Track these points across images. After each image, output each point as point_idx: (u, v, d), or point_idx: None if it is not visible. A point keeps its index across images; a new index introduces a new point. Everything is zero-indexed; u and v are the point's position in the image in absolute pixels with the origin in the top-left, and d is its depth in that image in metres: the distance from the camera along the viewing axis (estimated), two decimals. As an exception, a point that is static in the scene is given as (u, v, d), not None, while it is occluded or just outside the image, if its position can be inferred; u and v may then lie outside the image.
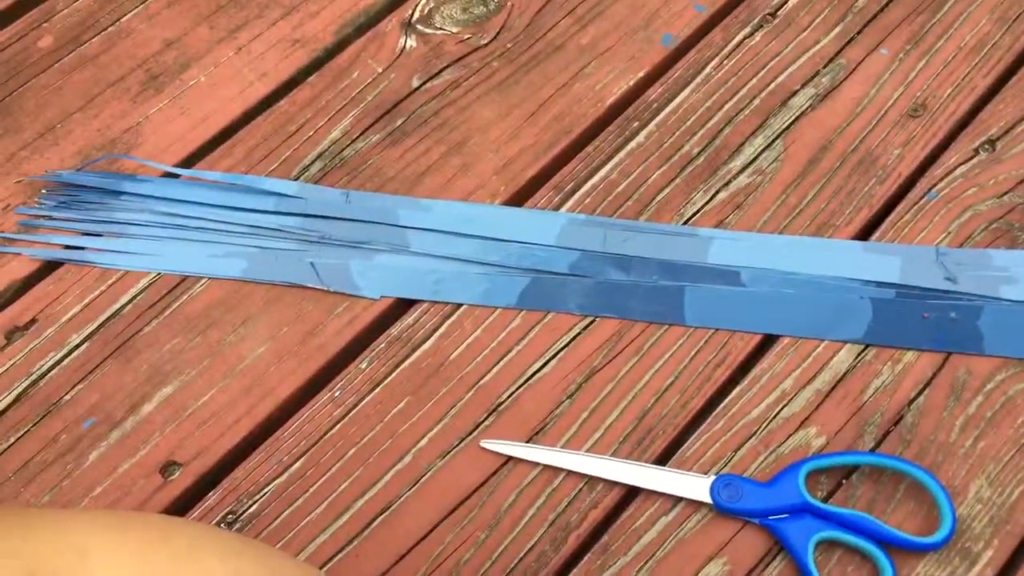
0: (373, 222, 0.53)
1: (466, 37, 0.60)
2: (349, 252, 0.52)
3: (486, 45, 0.60)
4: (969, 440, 0.49)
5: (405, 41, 0.60)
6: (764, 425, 0.49)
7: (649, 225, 0.54)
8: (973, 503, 0.47)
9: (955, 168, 0.56)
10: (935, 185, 0.56)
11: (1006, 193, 0.55)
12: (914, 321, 0.51)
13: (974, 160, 0.56)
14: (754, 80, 0.59)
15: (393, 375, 0.50)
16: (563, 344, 0.51)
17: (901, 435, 0.49)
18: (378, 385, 0.50)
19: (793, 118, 0.58)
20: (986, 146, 0.57)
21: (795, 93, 0.59)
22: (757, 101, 0.58)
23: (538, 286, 0.52)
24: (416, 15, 0.61)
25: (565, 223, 0.54)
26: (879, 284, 0.52)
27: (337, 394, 0.49)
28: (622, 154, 0.57)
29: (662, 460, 0.48)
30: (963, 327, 0.51)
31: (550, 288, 0.52)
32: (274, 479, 0.47)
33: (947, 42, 0.60)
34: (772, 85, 0.59)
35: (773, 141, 0.57)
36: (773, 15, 0.61)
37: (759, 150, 0.57)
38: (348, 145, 0.56)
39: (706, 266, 0.52)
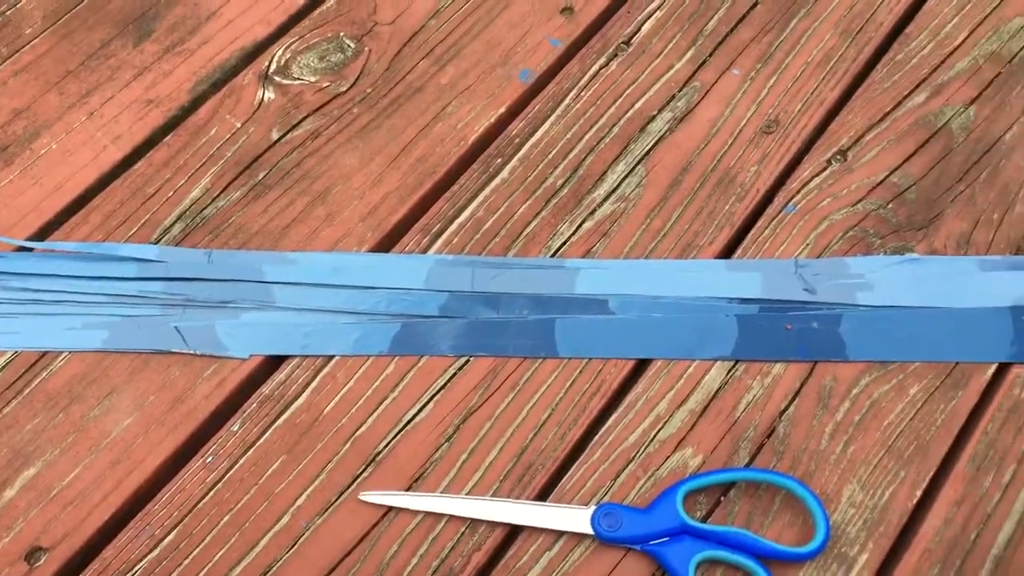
0: (237, 280, 0.52)
1: (325, 85, 0.60)
2: (214, 313, 0.51)
3: (345, 92, 0.59)
4: (839, 446, 0.49)
5: (263, 94, 0.59)
6: (641, 450, 0.49)
7: (516, 260, 0.54)
8: (847, 508, 0.48)
9: (810, 180, 0.57)
10: (792, 198, 0.57)
11: (859, 201, 0.57)
12: (778, 334, 0.52)
13: (827, 171, 0.58)
14: (613, 108, 0.60)
15: (266, 435, 0.49)
16: (438, 387, 0.50)
17: (774, 447, 0.49)
18: (251, 447, 0.48)
19: (653, 143, 0.59)
20: (838, 157, 0.58)
21: (653, 118, 0.59)
22: (617, 129, 0.59)
23: (409, 331, 0.51)
24: (273, 67, 0.60)
25: (433, 265, 0.53)
26: (743, 300, 0.53)
27: (209, 460, 0.48)
28: (487, 191, 0.56)
29: (543, 495, 0.48)
30: (825, 335, 0.52)
31: (422, 332, 0.51)
32: (146, 555, 0.46)
33: (795, 58, 0.62)
34: (630, 112, 0.60)
35: (635, 167, 0.58)
36: (627, 43, 0.62)
37: (621, 177, 0.57)
38: (209, 203, 0.55)
39: (575, 297, 0.52)
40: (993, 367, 0.52)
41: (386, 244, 0.55)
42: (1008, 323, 0.52)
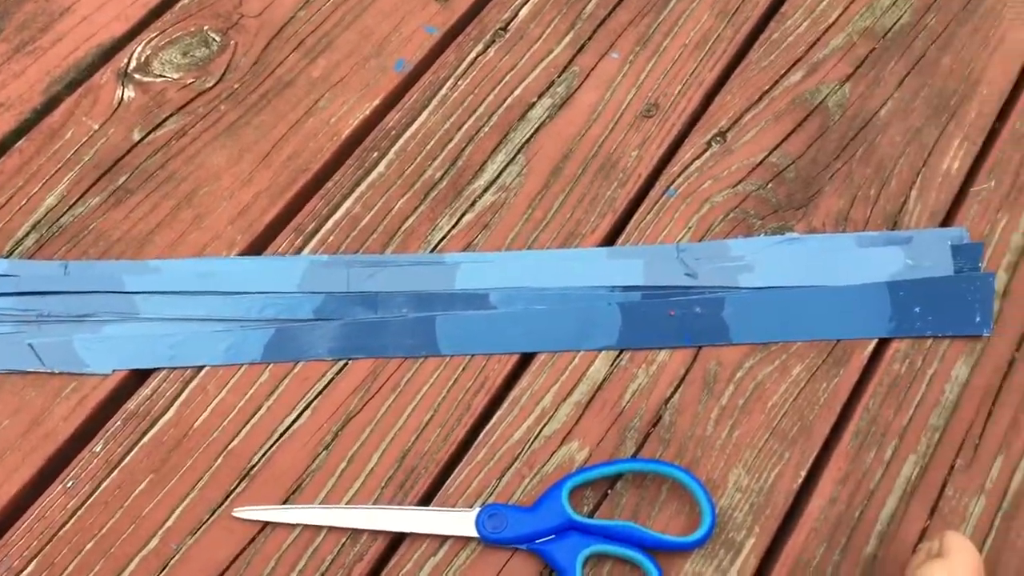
0: (96, 291, 0.48)
1: (189, 82, 0.56)
2: (72, 327, 0.47)
3: (211, 88, 0.56)
4: (725, 431, 0.48)
5: (122, 93, 0.55)
6: (527, 447, 0.47)
7: (393, 258, 0.51)
8: (733, 493, 0.47)
9: (691, 163, 0.56)
10: (673, 182, 0.55)
11: (739, 182, 0.55)
12: (662, 320, 0.50)
13: (707, 153, 0.56)
14: (491, 96, 0.57)
15: (132, 453, 0.45)
16: (315, 393, 0.48)
17: (660, 436, 0.48)
18: (116, 467, 0.45)
19: (533, 130, 0.56)
20: (718, 138, 0.57)
21: (533, 105, 0.57)
22: (496, 117, 0.57)
23: (283, 336, 0.48)
24: (132, 64, 0.56)
25: (306, 266, 0.50)
26: (625, 288, 0.51)
27: (70, 484, 0.44)
28: (363, 186, 0.54)
29: (427, 499, 0.46)
30: (709, 320, 0.50)
31: (296, 336, 0.48)
32: (1, 591, 0.42)
33: (673, 40, 0.60)
34: (509, 99, 0.57)
35: (515, 156, 0.55)
36: (504, 29, 0.60)
37: (502, 166, 0.55)
38: (66, 211, 0.51)
39: (455, 292, 0.50)
40: (873, 343, 0.51)
41: (258, 246, 0.51)
42: (886, 299, 0.51)
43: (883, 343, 0.51)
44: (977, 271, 0.53)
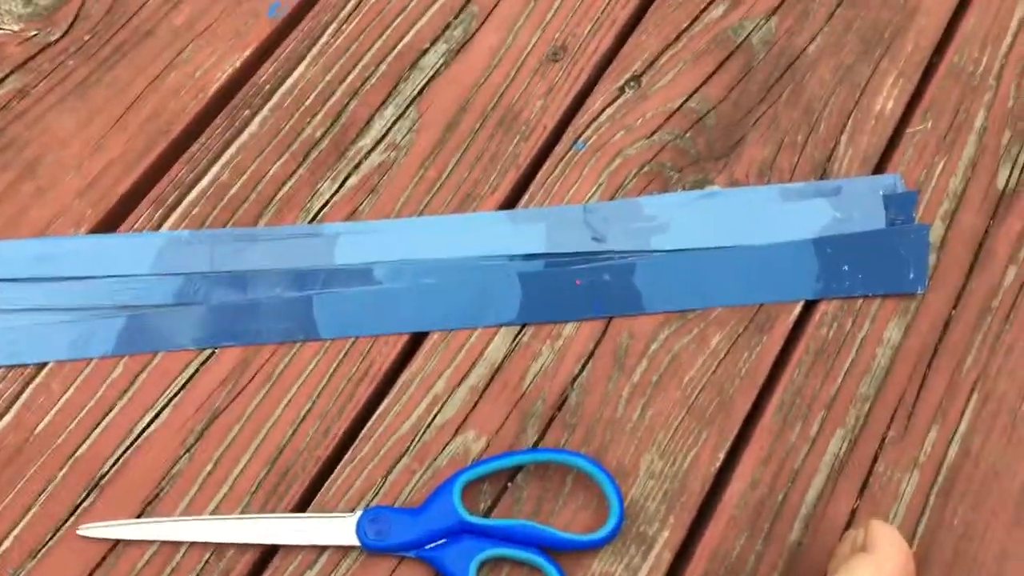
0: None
1: (31, 34, 0.48)
2: None
3: (57, 41, 0.48)
4: (636, 412, 0.43)
5: (-48, 49, 0.48)
6: (417, 439, 0.42)
7: (264, 231, 0.45)
8: (645, 481, 0.42)
9: (601, 112, 0.50)
10: (582, 134, 0.49)
11: (655, 132, 0.50)
12: (567, 290, 0.45)
13: (620, 100, 0.50)
14: (379, 43, 0.50)
15: (-35, 466, 0.39)
16: (176, 388, 0.42)
17: (565, 420, 0.43)
18: (-55, 483, 0.39)
19: (426, 80, 0.50)
20: (631, 83, 0.51)
21: (426, 52, 0.51)
22: (384, 66, 0.50)
23: (138, 325, 0.42)
24: (-35, 15, 0.48)
25: (163, 244, 0.44)
26: (526, 257, 0.45)
27: None
28: (233, 149, 0.47)
29: (304, 504, 0.40)
30: (618, 288, 0.45)
31: (153, 324, 0.42)
32: None
33: (582, -26, 0.53)
34: (400, 46, 0.50)
35: (406, 109, 0.49)
36: (393, -34, 0.53)
37: (391, 122, 0.49)
38: None
39: (335, 268, 0.44)
40: (799, 307, 0.46)
41: (110, 222, 0.45)
42: (812, 256, 0.46)
43: (809, 306, 0.46)
44: (911, 222, 0.47)
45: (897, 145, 0.50)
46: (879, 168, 0.50)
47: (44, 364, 0.41)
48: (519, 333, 0.44)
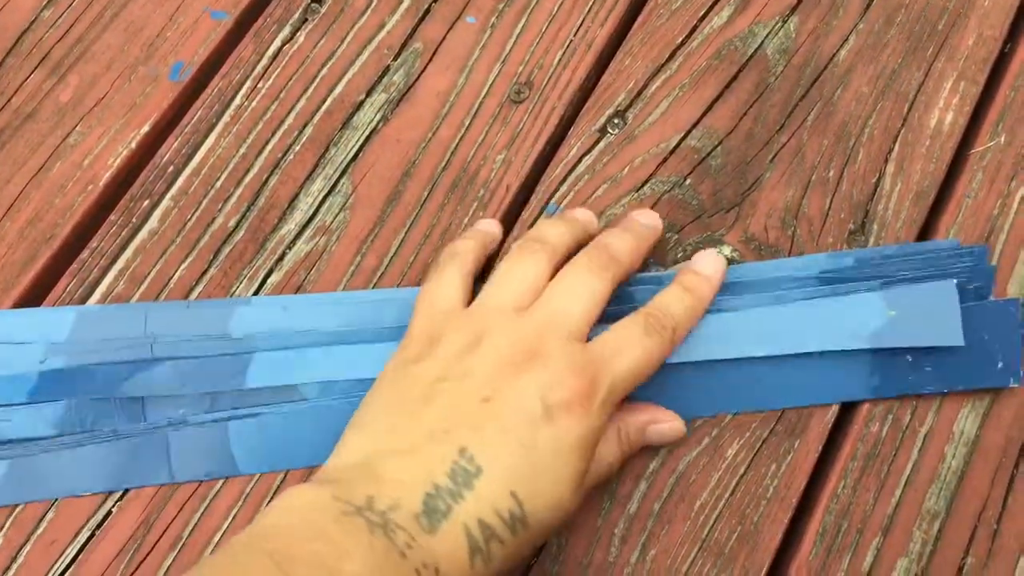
0: None
1: None
2: None
3: (-77, 136, 0.44)
4: (635, 553, 0.37)
5: None
6: None
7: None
8: (648, 646, 0.36)
9: (578, 162, 0.44)
10: (554, 193, 0.43)
11: (646, 182, 0.43)
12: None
13: (601, 144, 0.44)
14: (302, 101, 0.45)
15: None
16: (68, 558, 0.37)
17: (544, 569, 0.37)
18: None
19: (360, 141, 0.44)
20: (615, 121, 0.44)
21: (360, 105, 0.45)
22: (310, 129, 0.44)
23: (23, 467, 0.38)
24: None
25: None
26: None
27: None
28: (129, 251, 0.42)
29: None
30: (605, 394, 0.39)
31: (44, 465, 0.38)
32: None
33: (548, -11, 0.47)
34: (328, 101, 0.45)
35: (337, 181, 0.44)
36: (318, 2, 0.47)
37: (319, 199, 0.43)
38: None
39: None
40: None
41: (-13, 355, 0.41)
42: (865, 359, 0.39)
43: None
44: (988, 291, 0.40)
45: (961, 171, 0.43)
46: (938, 204, 0.43)
47: (-92, 544, 0.37)
48: (483, 459, 0.38)
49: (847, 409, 0.39)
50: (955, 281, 0.39)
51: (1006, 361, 0.39)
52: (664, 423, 0.37)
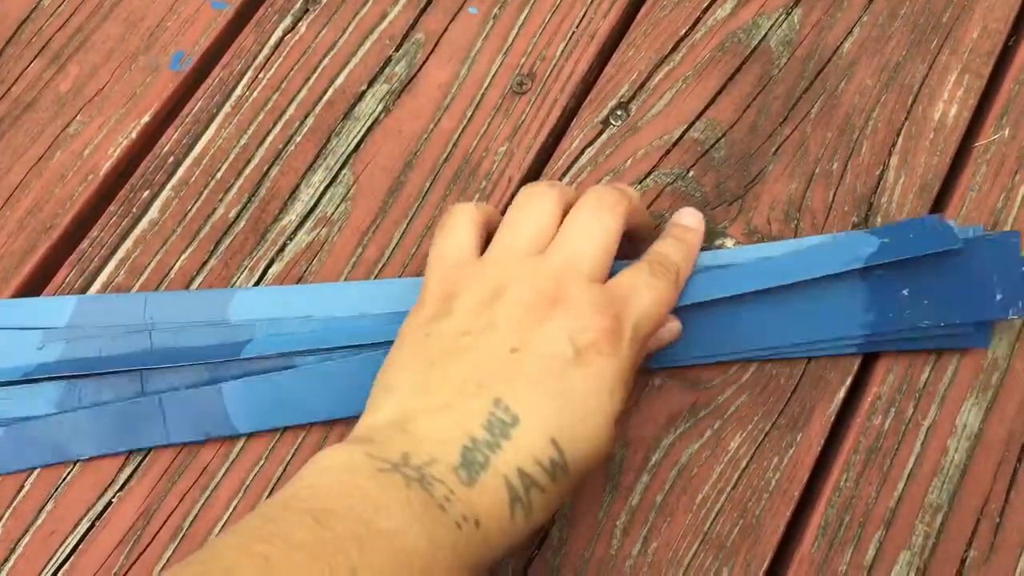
0: None
1: None
2: None
3: (-78, 126, 0.45)
4: (636, 545, 0.37)
5: None
6: None
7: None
8: (650, 638, 0.36)
9: (581, 153, 0.44)
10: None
11: (650, 173, 0.43)
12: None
13: (604, 136, 0.44)
14: (304, 91, 0.45)
15: None
16: (69, 547, 0.37)
17: (547, 561, 0.37)
18: None
19: (362, 132, 0.45)
20: (617, 112, 0.45)
21: (361, 96, 0.45)
22: (311, 120, 0.45)
23: (18, 433, 0.38)
24: None
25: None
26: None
27: None
28: (129, 242, 0.42)
29: None
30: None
31: (37, 432, 0.38)
32: None
33: (551, -20, 0.47)
34: (329, 92, 0.45)
35: (339, 172, 0.44)
36: (319, -8, 0.47)
37: (320, 189, 0.43)
38: None
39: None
40: (842, 391, 0.39)
41: (-14, 346, 0.41)
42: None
43: (857, 388, 0.40)
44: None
45: (965, 164, 0.43)
46: (942, 197, 0.43)
47: (-93, 533, 0.38)
48: (485, 451, 0.39)
49: (849, 399, 0.39)
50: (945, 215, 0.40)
51: (1005, 294, 0.39)
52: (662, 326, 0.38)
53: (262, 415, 0.39)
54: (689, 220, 0.40)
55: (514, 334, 0.33)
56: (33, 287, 0.42)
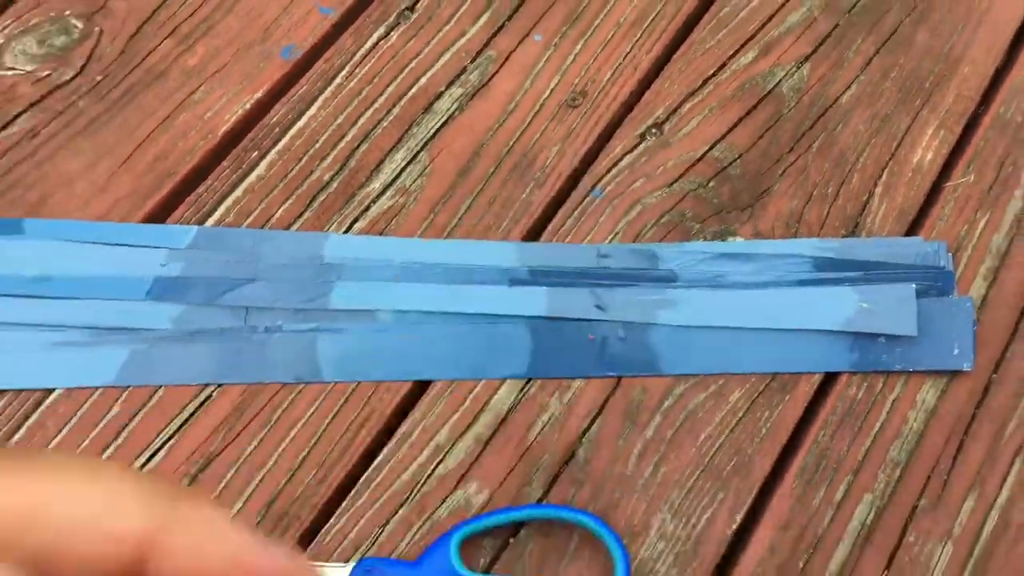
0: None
1: (44, 75, 0.54)
2: None
3: (70, 81, 0.54)
4: (648, 469, 0.46)
5: (-34, 88, 0.54)
6: (416, 489, 0.45)
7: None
8: (656, 542, 0.45)
9: (621, 159, 0.54)
10: (599, 181, 0.54)
11: (676, 180, 0.54)
12: (579, 346, 0.48)
13: (640, 147, 0.55)
14: (392, 87, 0.56)
15: (-45, 504, 0.44)
16: (174, 429, 0.46)
17: (573, 475, 0.46)
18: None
19: (439, 124, 0.55)
20: (653, 131, 0.55)
21: (440, 95, 0.56)
22: (397, 110, 0.55)
23: (141, 356, 0.47)
24: (-20, 55, 0.55)
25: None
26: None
27: None
28: (239, 191, 0.52)
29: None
30: (633, 347, 0.48)
31: (157, 357, 0.47)
32: None
33: (605, 19, 0.59)
34: (413, 89, 0.56)
35: (417, 154, 0.54)
36: (411, 10, 0.58)
37: (401, 166, 0.53)
38: None
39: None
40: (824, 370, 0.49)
41: (113, 261, 0.50)
42: (847, 337, 0.49)
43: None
44: (950, 290, 0.50)
45: (936, 200, 0.54)
46: (916, 223, 0.53)
47: (43, 397, 0.46)
48: (526, 384, 0.48)
49: (831, 376, 0.49)
50: (914, 285, 0.50)
51: (961, 349, 0.49)
52: None
53: (346, 369, 0.48)
54: None
55: None
56: (157, 219, 0.51)
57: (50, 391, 0.46)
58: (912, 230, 0.53)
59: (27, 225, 0.49)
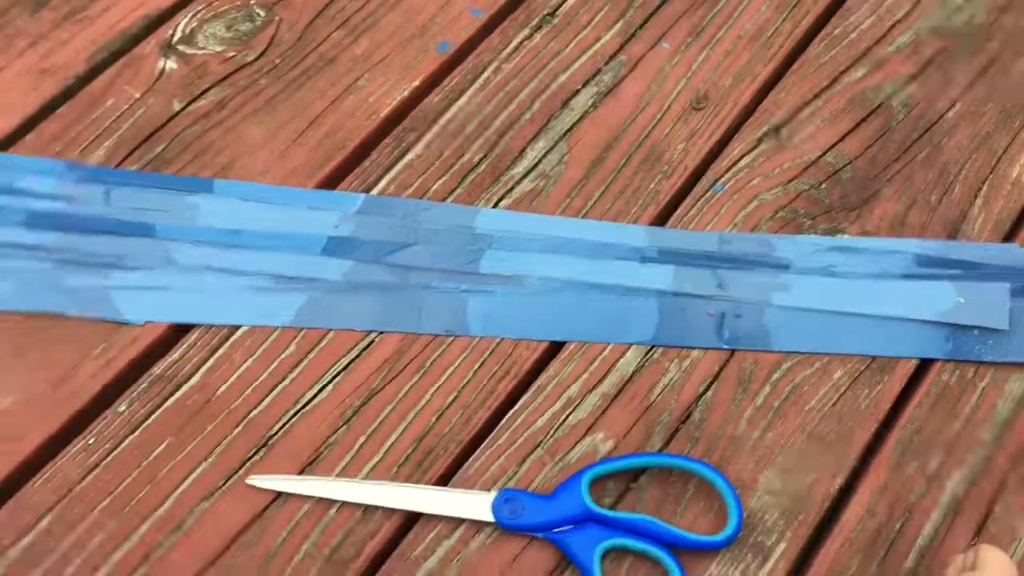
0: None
1: (231, 55, 0.62)
2: (105, 272, 0.53)
3: (253, 62, 0.62)
4: (757, 432, 0.52)
5: (164, 64, 0.61)
6: (550, 434, 0.51)
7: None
8: (763, 496, 0.50)
9: (740, 158, 0.60)
10: (720, 177, 0.59)
11: (791, 181, 0.59)
12: (701, 319, 0.54)
13: (758, 149, 0.61)
14: (534, 82, 0.62)
15: (154, 416, 0.51)
16: (341, 367, 0.53)
17: (689, 432, 0.52)
18: (137, 428, 0.50)
19: (576, 118, 0.61)
20: (770, 134, 0.61)
21: (577, 92, 0.62)
22: (538, 103, 0.62)
23: (317, 303, 0.54)
24: (177, 36, 0.62)
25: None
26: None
27: (91, 442, 0.50)
28: (399, 167, 0.59)
29: (444, 480, 0.50)
30: (749, 324, 0.54)
31: (329, 304, 0.54)
32: (17, 541, 0.47)
33: (727, 32, 0.65)
34: (553, 86, 0.62)
35: (556, 143, 0.60)
36: (552, 15, 0.65)
37: (542, 153, 0.60)
38: (102, 176, 0.57)
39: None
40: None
41: (289, 221, 0.57)
42: (944, 328, 0.55)
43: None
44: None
45: (1031, 211, 0.59)
46: (1012, 233, 0.58)
47: (229, 336, 0.53)
48: (650, 350, 0.54)
49: (926, 362, 0.54)
50: (1008, 285, 0.55)
51: None
52: None
53: (493, 325, 0.54)
54: None
55: None
56: (327, 187, 0.58)
57: (237, 327, 0.53)
58: (1008, 239, 0.58)
59: (216, 185, 0.57)
